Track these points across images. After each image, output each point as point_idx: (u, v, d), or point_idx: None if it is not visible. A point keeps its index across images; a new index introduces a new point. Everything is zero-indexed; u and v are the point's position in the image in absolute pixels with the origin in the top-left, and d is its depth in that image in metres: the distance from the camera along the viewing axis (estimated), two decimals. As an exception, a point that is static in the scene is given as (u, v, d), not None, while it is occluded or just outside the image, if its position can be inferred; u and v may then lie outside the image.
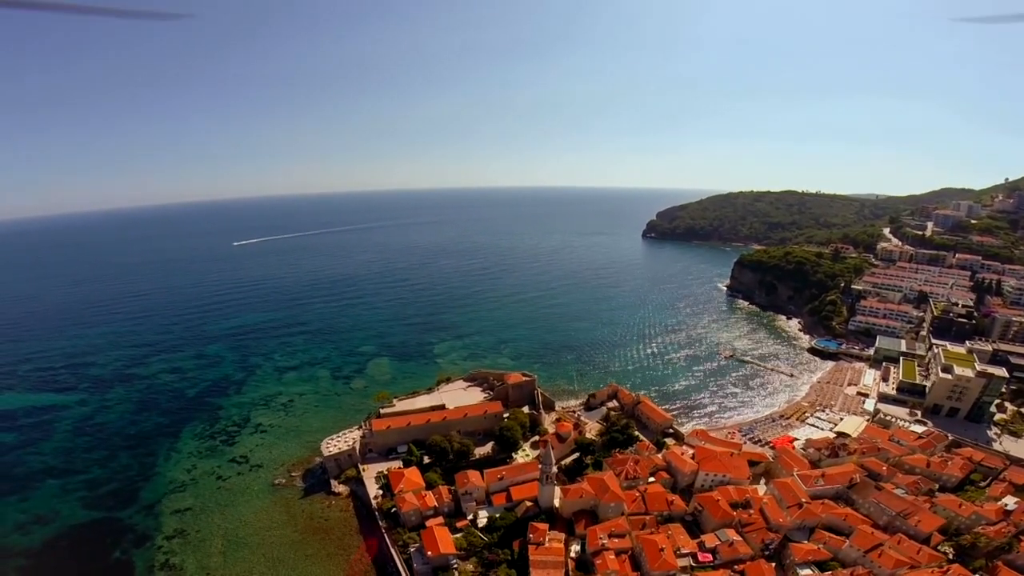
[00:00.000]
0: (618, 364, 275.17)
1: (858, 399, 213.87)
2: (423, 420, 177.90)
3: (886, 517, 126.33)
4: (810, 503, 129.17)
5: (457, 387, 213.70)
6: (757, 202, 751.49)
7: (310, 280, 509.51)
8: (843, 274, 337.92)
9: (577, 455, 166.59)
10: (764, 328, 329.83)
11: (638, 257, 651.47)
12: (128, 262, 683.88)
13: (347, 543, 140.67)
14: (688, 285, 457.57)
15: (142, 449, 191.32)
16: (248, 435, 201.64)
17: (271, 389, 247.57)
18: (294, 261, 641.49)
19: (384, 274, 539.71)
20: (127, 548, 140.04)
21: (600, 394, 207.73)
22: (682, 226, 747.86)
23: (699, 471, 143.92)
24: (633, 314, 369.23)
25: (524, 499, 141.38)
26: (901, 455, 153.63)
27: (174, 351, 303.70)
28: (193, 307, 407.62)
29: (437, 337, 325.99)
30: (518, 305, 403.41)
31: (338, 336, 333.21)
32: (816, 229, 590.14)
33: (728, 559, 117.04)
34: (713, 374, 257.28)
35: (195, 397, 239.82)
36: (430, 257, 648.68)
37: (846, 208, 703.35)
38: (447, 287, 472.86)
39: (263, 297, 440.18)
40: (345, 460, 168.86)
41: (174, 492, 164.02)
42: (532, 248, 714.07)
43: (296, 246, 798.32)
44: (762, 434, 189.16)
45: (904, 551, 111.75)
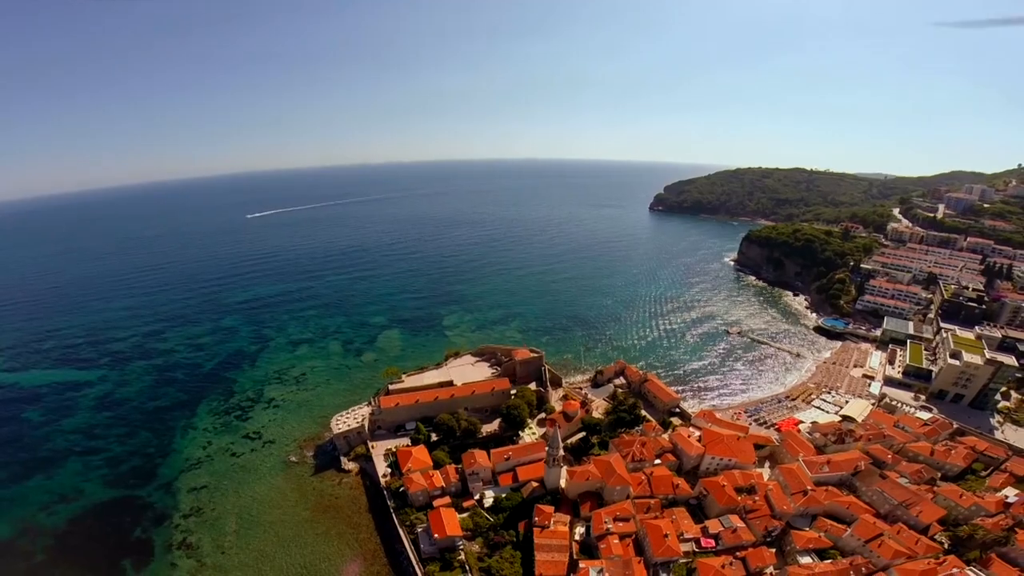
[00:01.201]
0: (625, 339, 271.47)
1: (864, 382, 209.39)
2: (431, 397, 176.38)
3: (888, 506, 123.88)
4: (814, 490, 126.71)
5: (465, 362, 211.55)
6: (765, 178, 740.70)
7: (323, 251, 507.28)
8: (852, 253, 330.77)
9: (583, 434, 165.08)
10: (771, 304, 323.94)
11: (646, 230, 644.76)
12: (146, 236, 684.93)
13: (356, 521, 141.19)
14: (696, 259, 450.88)
15: (160, 425, 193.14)
16: (261, 410, 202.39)
17: (284, 362, 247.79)
18: (307, 233, 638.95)
19: (396, 245, 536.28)
20: (147, 527, 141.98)
21: (607, 371, 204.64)
22: (690, 200, 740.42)
23: (705, 454, 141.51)
24: (641, 287, 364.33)
25: (530, 480, 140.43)
26: (906, 442, 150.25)
27: (191, 324, 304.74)
28: (209, 279, 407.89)
29: (447, 309, 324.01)
30: (527, 277, 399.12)
31: (350, 307, 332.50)
32: (824, 207, 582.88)
33: (730, 545, 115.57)
34: (720, 351, 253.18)
35: (211, 371, 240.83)
36: (441, 228, 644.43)
37: (854, 187, 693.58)
38: (457, 258, 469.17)
39: (277, 269, 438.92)
40: (354, 437, 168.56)
41: (191, 469, 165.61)
42: (541, 220, 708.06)
43: (309, 218, 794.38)
44: (768, 415, 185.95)
45: (903, 541, 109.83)
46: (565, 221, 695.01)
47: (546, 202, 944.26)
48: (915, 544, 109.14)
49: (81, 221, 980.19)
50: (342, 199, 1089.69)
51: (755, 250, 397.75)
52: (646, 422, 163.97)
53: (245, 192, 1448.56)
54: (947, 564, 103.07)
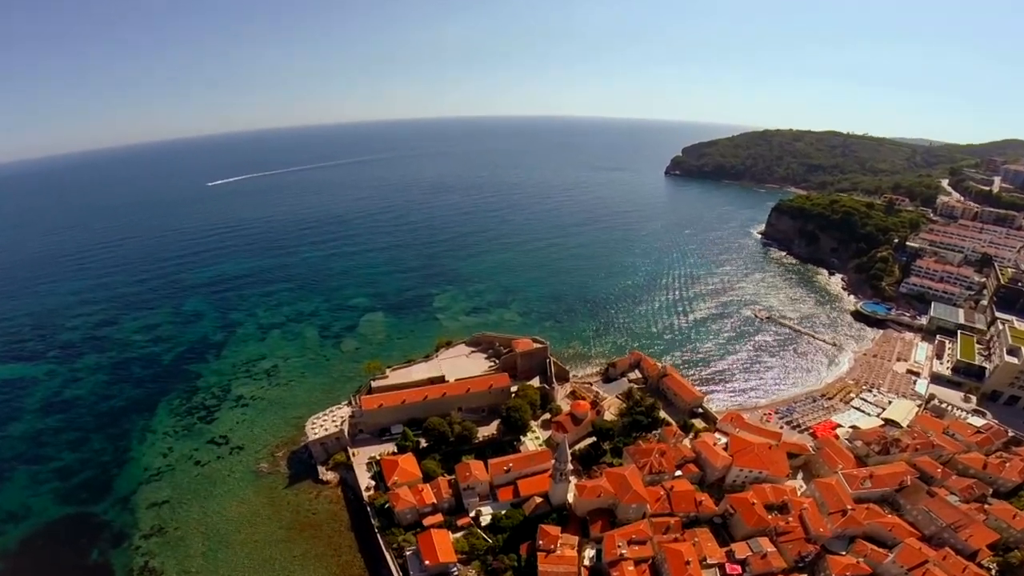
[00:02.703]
0: (640, 323, 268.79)
1: (908, 379, 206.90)
2: (420, 397, 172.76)
3: (935, 527, 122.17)
4: (854, 509, 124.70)
5: (459, 353, 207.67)
6: (796, 142, 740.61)
7: (296, 223, 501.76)
8: (897, 229, 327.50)
9: (594, 439, 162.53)
10: (803, 284, 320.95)
11: (661, 197, 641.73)
12: (97, 207, 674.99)
13: (337, 542, 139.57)
14: (719, 231, 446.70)
15: (115, 429, 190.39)
16: (228, 410, 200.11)
17: (253, 352, 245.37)
18: (277, 201, 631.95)
19: (378, 214, 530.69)
20: (104, 548, 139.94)
21: (621, 363, 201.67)
22: (711, 164, 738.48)
23: (732, 466, 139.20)
24: (657, 263, 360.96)
25: (533, 495, 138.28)
26: (956, 453, 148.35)
27: (148, 307, 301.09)
28: (168, 256, 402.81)
29: (437, 287, 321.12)
30: (528, 250, 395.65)
31: (327, 286, 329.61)
32: (862, 175, 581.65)
33: (759, 573, 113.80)
34: (746, 339, 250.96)
35: (171, 364, 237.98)
36: (430, 194, 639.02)
37: (895, 153, 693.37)
38: (449, 229, 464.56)
39: (244, 243, 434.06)
40: (333, 444, 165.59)
41: (150, 481, 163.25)
42: (543, 184, 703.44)
43: (278, 184, 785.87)
44: (802, 417, 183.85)
45: (949, 569, 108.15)
46: (570, 187, 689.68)
47: (548, 165, 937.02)
48: (962, 572, 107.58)
49: (26, 194, 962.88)
50: (314, 163, 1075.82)
51: (786, 222, 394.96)
52: (665, 425, 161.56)
53: (204, 157, 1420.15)
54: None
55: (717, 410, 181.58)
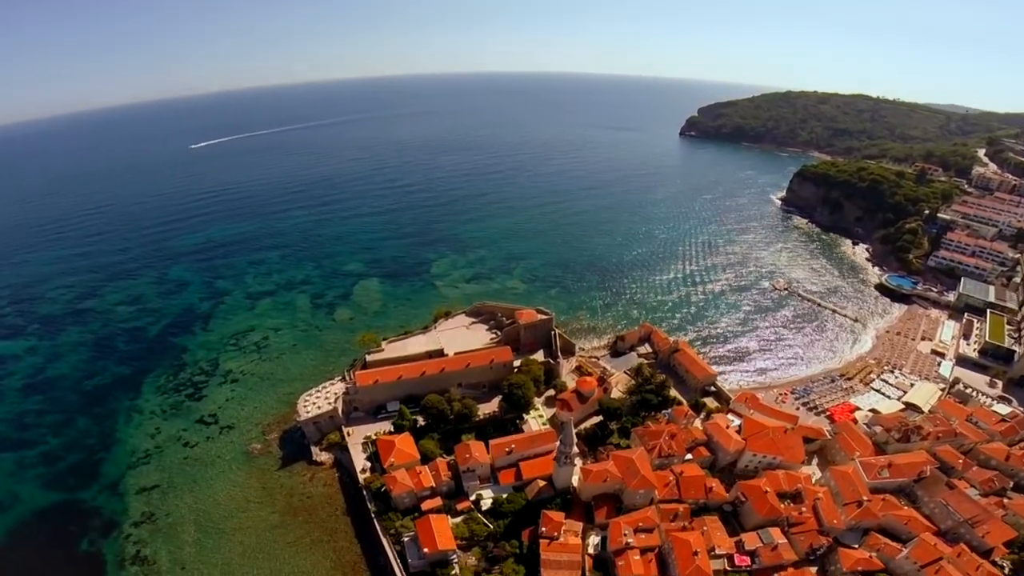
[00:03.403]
0: (651, 294, 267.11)
1: (932, 360, 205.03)
2: (417, 372, 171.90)
3: (951, 522, 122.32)
4: (870, 500, 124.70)
5: (458, 324, 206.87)
6: (821, 104, 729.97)
7: (285, 185, 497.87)
8: (928, 199, 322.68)
9: (600, 419, 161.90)
10: (825, 254, 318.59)
11: (675, 159, 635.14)
12: (76, 173, 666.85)
13: (333, 527, 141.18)
14: (736, 195, 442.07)
15: (100, 409, 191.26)
16: (217, 386, 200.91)
17: (242, 323, 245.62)
18: (264, 163, 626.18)
19: (372, 175, 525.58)
20: (95, 538, 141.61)
21: (630, 336, 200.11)
22: (729, 125, 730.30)
23: (745, 450, 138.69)
24: (670, 230, 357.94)
25: (536, 477, 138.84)
26: (978, 442, 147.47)
27: (132, 276, 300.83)
28: (152, 221, 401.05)
29: (436, 253, 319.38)
30: (531, 213, 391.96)
31: (319, 251, 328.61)
32: (891, 141, 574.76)
33: (768, 565, 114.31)
34: (763, 311, 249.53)
35: (156, 337, 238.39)
36: (427, 154, 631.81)
37: (928, 120, 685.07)
38: (447, 191, 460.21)
39: (231, 207, 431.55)
40: (326, 423, 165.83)
41: (138, 465, 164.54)
42: (547, 144, 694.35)
43: (263, 146, 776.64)
44: (819, 399, 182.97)
45: (963, 566, 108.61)
46: (578, 146, 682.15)
47: (553, 123, 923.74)
48: (976, 570, 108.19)
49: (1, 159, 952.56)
50: (300, 123, 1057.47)
51: (808, 188, 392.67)
52: (676, 405, 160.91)
53: (185, 119, 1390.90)
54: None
55: (730, 389, 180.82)
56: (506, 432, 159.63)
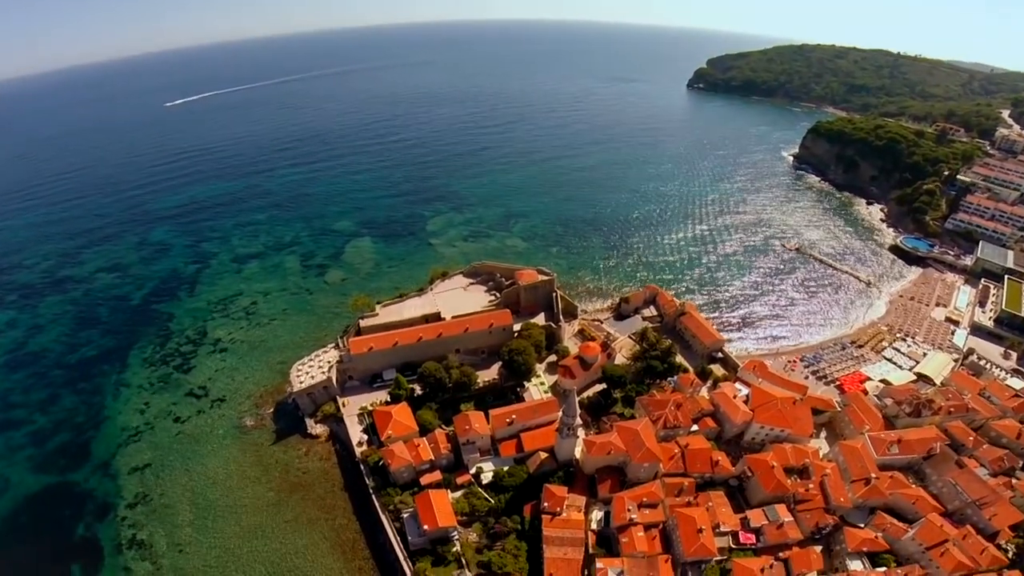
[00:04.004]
0: (656, 253, 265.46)
1: (946, 328, 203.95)
2: (413, 338, 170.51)
3: (959, 502, 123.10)
4: (878, 477, 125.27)
5: (455, 285, 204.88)
6: (838, 59, 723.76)
7: (270, 141, 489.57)
8: (948, 160, 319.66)
9: (604, 386, 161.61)
10: (838, 214, 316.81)
11: (683, 112, 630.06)
12: (44, 136, 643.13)
13: (331, 503, 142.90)
14: (746, 151, 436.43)
15: (86, 384, 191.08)
16: (206, 356, 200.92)
17: (229, 287, 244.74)
18: (246, 119, 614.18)
19: (364, 129, 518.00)
20: (90, 522, 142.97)
21: (635, 298, 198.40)
22: (739, 78, 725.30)
23: (752, 422, 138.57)
24: (677, 186, 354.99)
25: (538, 449, 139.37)
26: (990, 418, 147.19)
27: (111, 241, 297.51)
28: (129, 183, 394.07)
29: (431, 209, 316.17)
30: (531, 168, 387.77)
31: (308, 210, 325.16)
32: (910, 99, 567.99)
33: (773, 543, 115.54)
34: (773, 273, 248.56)
35: (141, 305, 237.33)
36: (422, 107, 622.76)
37: (950, 78, 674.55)
38: (443, 145, 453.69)
39: (213, 166, 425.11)
40: (321, 393, 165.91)
41: (129, 443, 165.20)
42: (548, 96, 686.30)
43: (245, 101, 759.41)
44: (829, 367, 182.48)
45: (968, 549, 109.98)
46: (580, 98, 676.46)
47: (553, 74, 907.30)
48: (980, 554, 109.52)
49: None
50: (284, 77, 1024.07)
51: (822, 145, 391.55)
52: (682, 372, 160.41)
53: (156, 77, 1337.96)
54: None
55: (738, 355, 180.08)
56: (506, 400, 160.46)
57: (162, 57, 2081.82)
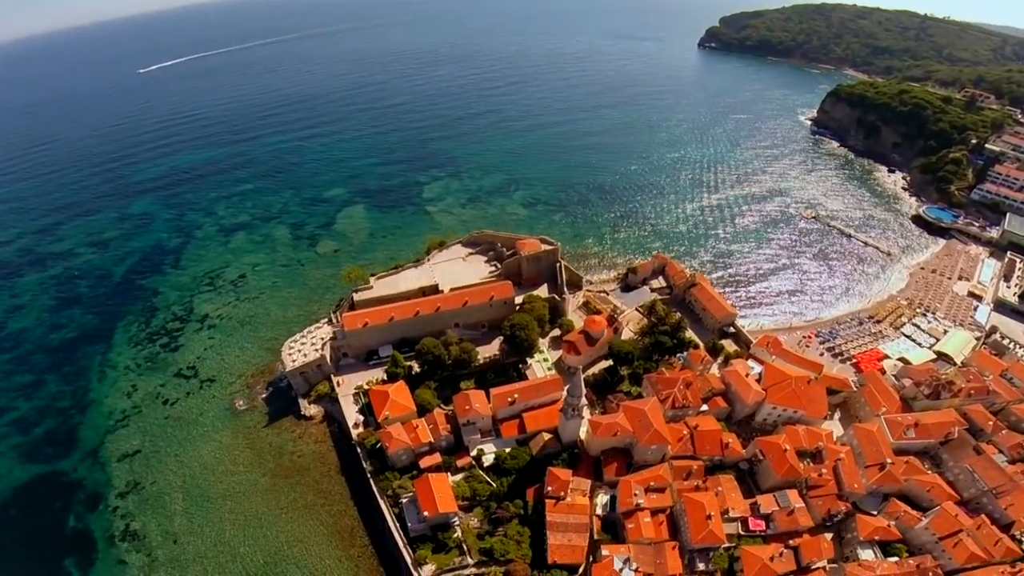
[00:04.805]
0: (665, 220, 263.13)
1: (969, 304, 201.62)
2: (410, 312, 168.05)
3: (975, 491, 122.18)
4: (894, 463, 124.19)
5: (454, 256, 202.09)
6: (860, 19, 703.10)
7: (255, 106, 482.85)
8: (976, 128, 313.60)
9: (610, 363, 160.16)
10: (858, 181, 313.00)
11: (693, 72, 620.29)
12: (15, 106, 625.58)
13: (327, 488, 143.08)
14: (760, 114, 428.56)
15: (70, 367, 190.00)
16: (193, 333, 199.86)
17: (216, 259, 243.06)
18: (229, 84, 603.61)
19: (356, 92, 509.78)
20: (81, 513, 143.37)
21: (643, 268, 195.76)
22: (754, 37, 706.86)
23: (765, 402, 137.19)
24: (687, 150, 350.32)
25: (541, 430, 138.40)
26: (1011, 401, 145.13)
27: (91, 215, 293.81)
28: (106, 154, 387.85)
29: (427, 176, 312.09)
30: (534, 132, 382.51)
31: (297, 178, 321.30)
32: (937, 63, 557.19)
33: (784, 531, 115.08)
34: (788, 243, 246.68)
35: (123, 280, 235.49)
36: (416, 67, 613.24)
37: (980, 42, 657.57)
38: (440, 108, 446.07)
39: (196, 132, 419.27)
40: (314, 372, 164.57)
41: (117, 429, 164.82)
42: (551, 54, 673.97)
43: (226, 65, 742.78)
44: (845, 343, 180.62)
45: (982, 540, 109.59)
46: (584, 56, 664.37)
47: (556, 31, 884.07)
48: (994, 545, 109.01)
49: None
50: (269, 38, 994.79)
51: (842, 109, 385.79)
52: (692, 348, 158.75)
53: (127, 42, 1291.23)
54: (1022, 574, 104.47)
55: (751, 330, 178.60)
56: (508, 378, 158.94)
57: (134, 21, 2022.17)
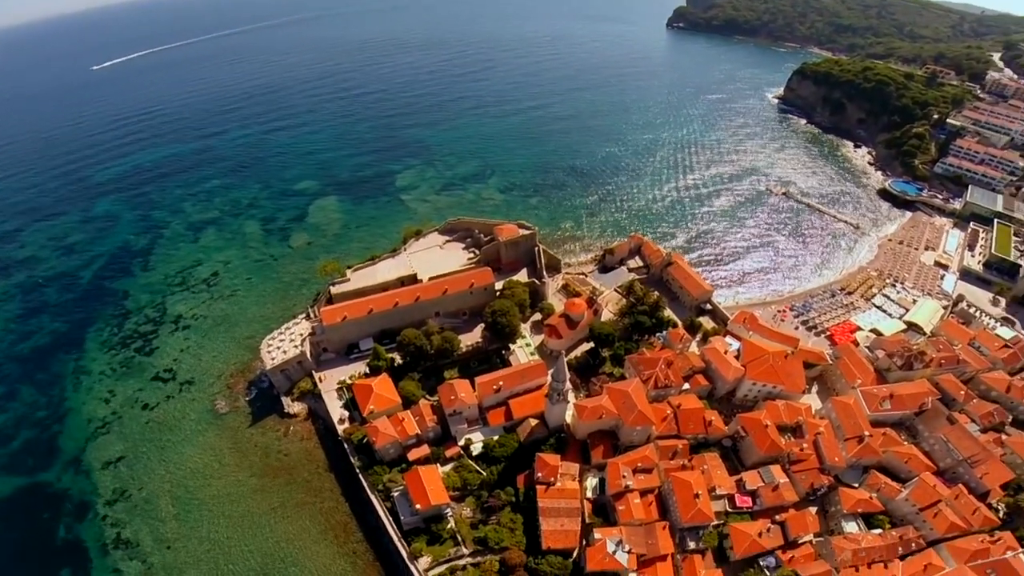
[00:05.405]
0: (639, 200, 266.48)
1: (936, 273, 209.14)
2: (389, 303, 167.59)
3: (951, 460, 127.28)
4: (871, 435, 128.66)
5: (431, 244, 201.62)
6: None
7: (217, 99, 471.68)
8: (937, 104, 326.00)
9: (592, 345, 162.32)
10: (825, 157, 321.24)
11: (663, 53, 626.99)
12: None
13: (317, 486, 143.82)
14: (729, 93, 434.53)
15: (43, 375, 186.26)
16: (168, 335, 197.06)
17: (186, 258, 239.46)
18: (187, 78, 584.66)
19: (321, 82, 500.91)
20: (71, 523, 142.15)
21: (619, 248, 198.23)
22: (721, 16, 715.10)
23: (744, 378, 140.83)
24: (658, 130, 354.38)
25: (528, 416, 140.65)
26: (980, 370, 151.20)
27: (52, 216, 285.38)
28: (65, 155, 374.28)
29: (401, 164, 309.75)
30: (507, 117, 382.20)
31: (265, 170, 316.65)
32: (899, 40, 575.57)
33: (770, 506, 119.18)
34: (760, 219, 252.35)
35: (92, 284, 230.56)
36: (384, 54, 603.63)
37: (940, 19, 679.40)
38: (411, 96, 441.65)
39: (157, 128, 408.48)
40: (295, 369, 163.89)
41: (98, 436, 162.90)
42: (522, 38, 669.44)
43: (182, 59, 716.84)
44: (819, 316, 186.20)
45: (960, 510, 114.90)
46: (556, 39, 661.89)
47: (527, 14, 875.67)
48: (972, 514, 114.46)
49: None
50: (225, 30, 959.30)
51: (808, 87, 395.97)
52: (671, 327, 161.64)
53: (76, 39, 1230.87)
54: (1001, 543, 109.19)
55: (727, 306, 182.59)
56: (492, 365, 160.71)
57: (86, 17, 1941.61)
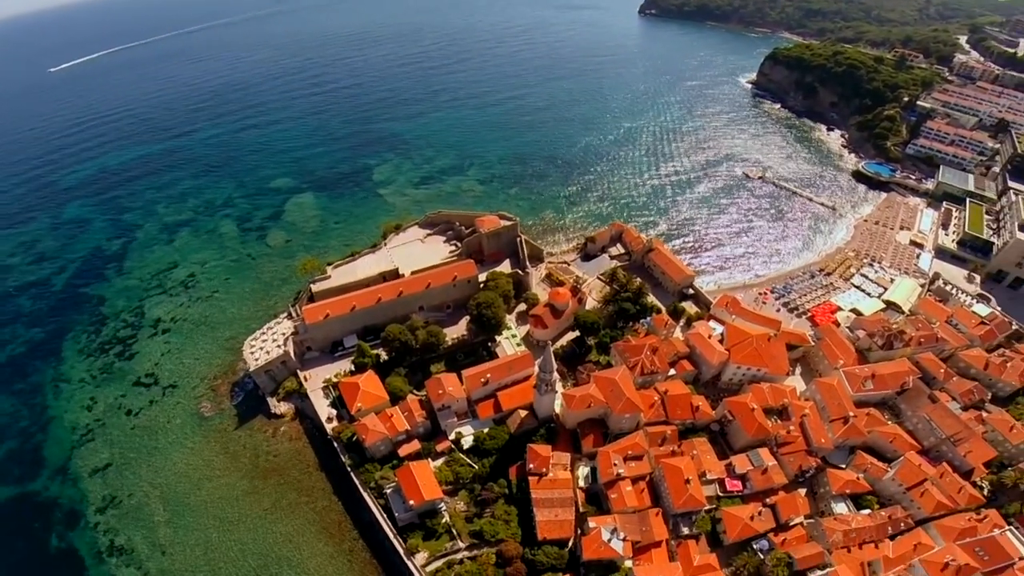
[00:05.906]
0: (619, 188, 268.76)
1: (912, 252, 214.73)
2: (372, 299, 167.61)
3: (934, 439, 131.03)
4: (856, 416, 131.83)
5: (412, 238, 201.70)
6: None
7: (185, 97, 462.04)
8: (907, 86, 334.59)
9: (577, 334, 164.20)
10: (800, 141, 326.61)
11: (636, 40, 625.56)
12: None
13: (308, 486, 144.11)
14: (703, 79, 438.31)
15: (22, 384, 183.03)
16: (147, 339, 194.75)
17: (161, 259, 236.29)
18: (152, 76, 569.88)
19: (292, 77, 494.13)
20: (63, 532, 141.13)
21: (600, 236, 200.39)
22: (693, 2, 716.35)
23: (729, 362, 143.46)
24: (635, 117, 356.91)
25: (517, 407, 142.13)
26: (958, 348, 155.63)
27: (20, 223, 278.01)
28: (28, 159, 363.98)
29: (377, 158, 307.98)
30: (484, 107, 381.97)
31: (239, 168, 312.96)
32: (867, 24, 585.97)
33: (760, 489, 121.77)
34: (738, 202, 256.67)
35: (66, 290, 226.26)
36: (355, 48, 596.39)
37: (907, 3, 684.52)
38: (385, 89, 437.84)
39: (124, 129, 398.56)
40: (279, 370, 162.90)
41: (83, 444, 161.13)
42: (496, 27, 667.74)
43: (145, 58, 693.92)
44: (800, 297, 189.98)
45: (946, 488, 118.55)
46: (530, 28, 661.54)
47: (501, 4, 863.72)
48: (958, 493, 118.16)
49: None
50: (188, 27, 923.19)
51: (781, 72, 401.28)
52: (655, 313, 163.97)
53: (31, 40, 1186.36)
54: (987, 521, 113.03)
55: (709, 290, 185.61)
56: (478, 357, 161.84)
57: (39, 18, 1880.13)
